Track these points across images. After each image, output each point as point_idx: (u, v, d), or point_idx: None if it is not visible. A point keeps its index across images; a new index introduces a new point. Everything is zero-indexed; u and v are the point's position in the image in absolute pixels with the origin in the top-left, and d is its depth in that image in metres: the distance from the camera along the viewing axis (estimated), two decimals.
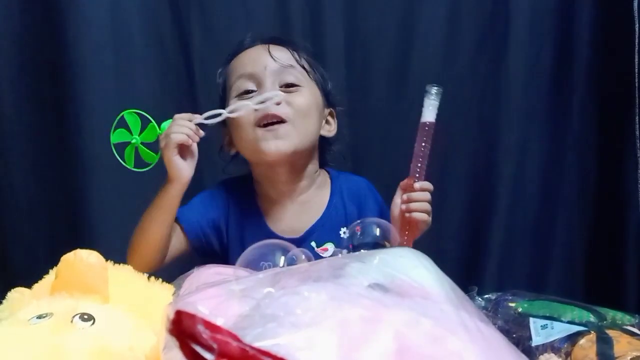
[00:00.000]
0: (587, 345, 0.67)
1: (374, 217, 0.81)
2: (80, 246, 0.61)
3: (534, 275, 1.30)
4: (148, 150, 0.84)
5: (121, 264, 0.69)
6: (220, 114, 0.84)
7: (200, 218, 0.93)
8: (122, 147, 0.83)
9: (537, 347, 0.71)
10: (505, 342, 0.43)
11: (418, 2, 1.28)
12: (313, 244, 0.92)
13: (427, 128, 0.81)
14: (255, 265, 0.56)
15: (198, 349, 0.31)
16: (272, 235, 0.92)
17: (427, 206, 0.83)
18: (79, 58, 1.17)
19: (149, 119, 0.82)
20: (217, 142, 0.99)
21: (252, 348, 0.31)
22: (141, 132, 0.82)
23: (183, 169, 0.83)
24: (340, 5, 1.26)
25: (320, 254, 0.92)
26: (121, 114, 0.83)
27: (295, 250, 0.56)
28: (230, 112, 0.85)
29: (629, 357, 0.64)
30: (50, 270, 0.64)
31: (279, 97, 0.87)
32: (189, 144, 0.82)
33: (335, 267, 0.45)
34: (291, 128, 0.88)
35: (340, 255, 0.64)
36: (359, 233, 0.75)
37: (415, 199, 0.82)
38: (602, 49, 1.27)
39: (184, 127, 0.82)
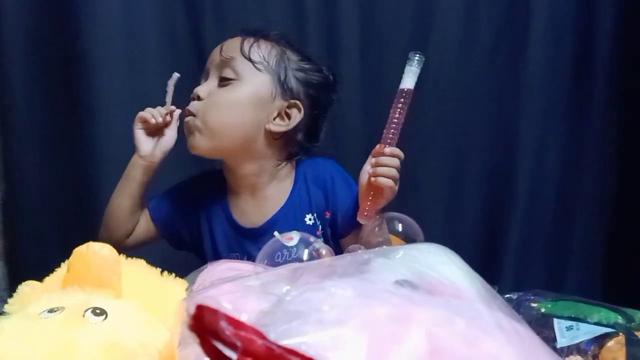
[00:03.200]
0: (616, 347, 0.65)
1: (395, 213, 0.79)
2: (91, 240, 0.60)
3: (552, 274, 1.27)
4: None
5: (134, 258, 0.67)
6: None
7: (167, 208, 0.98)
8: None
9: (562, 348, 0.69)
10: (542, 344, 0.41)
11: None
12: (276, 233, 0.89)
13: (404, 95, 0.80)
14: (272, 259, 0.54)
15: (220, 346, 0.29)
16: (236, 225, 0.94)
17: (394, 172, 0.81)
18: (90, 51, 1.16)
19: None
20: None
21: (279, 347, 0.29)
22: None
23: (143, 143, 0.91)
24: None
25: (286, 244, 0.89)
26: None
27: (316, 245, 0.54)
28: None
29: None
30: (62, 264, 0.63)
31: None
32: (151, 122, 0.90)
33: (360, 262, 0.43)
34: (201, 124, 0.89)
35: (360, 250, 0.62)
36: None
37: (383, 163, 0.81)
38: (623, 43, 1.24)
39: (155, 110, 0.91)
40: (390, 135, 0.81)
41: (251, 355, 0.28)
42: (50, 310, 0.53)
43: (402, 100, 0.80)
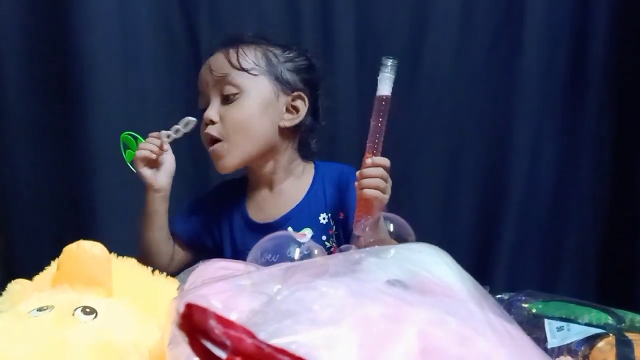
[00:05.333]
0: (607, 348, 0.65)
1: (386, 213, 0.79)
2: (84, 238, 0.59)
3: (545, 275, 1.28)
4: None
5: (125, 257, 0.67)
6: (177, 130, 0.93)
7: (191, 223, 1.01)
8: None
9: (552, 349, 0.69)
10: (533, 345, 0.41)
11: None
12: (290, 229, 0.93)
13: (383, 102, 0.79)
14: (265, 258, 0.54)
15: (209, 345, 0.29)
16: (250, 221, 0.97)
17: (380, 182, 0.80)
18: (86, 50, 1.16)
19: (136, 137, 0.94)
20: None
21: (269, 346, 0.29)
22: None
23: (152, 178, 0.92)
24: None
25: (299, 239, 0.92)
26: (121, 140, 0.94)
27: (309, 244, 0.54)
28: (175, 131, 0.92)
29: None
30: (52, 262, 0.62)
31: (193, 123, 0.91)
32: (152, 158, 0.91)
33: (352, 262, 0.43)
34: (228, 146, 0.91)
35: (351, 249, 0.62)
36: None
37: (367, 175, 0.80)
38: (617, 44, 1.25)
39: (148, 144, 0.91)
40: (375, 145, 0.79)
41: (240, 355, 0.28)
42: (40, 309, 0.53)
43: (382, 107, 0.79)
